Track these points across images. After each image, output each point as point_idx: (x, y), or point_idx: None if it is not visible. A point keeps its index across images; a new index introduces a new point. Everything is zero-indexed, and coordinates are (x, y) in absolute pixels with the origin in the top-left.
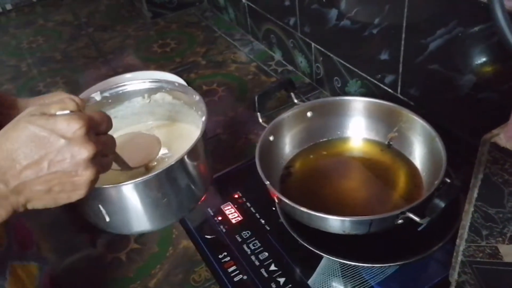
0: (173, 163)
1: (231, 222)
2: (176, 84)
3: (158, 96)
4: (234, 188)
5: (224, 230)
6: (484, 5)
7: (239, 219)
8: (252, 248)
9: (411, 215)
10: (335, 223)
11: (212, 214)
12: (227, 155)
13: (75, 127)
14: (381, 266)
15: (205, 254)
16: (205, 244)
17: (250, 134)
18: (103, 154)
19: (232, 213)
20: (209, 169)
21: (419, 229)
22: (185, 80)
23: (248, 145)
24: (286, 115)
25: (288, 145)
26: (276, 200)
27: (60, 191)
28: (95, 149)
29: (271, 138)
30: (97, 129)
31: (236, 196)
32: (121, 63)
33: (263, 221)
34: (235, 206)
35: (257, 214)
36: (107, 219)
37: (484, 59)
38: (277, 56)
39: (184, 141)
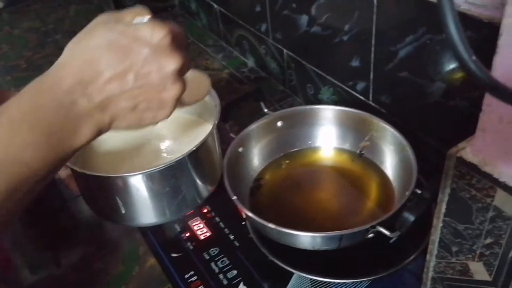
0: (192, 150)
1: (199, 238)
2: None
3: None
4: (203, 202)
5: (191, 247)
6: None
7: (208, 235)
8: (221, 266)
9: (382, 229)
10: (305, 239)
11: (179, 230)
12: None
13: (160, 35)
14: (353, 282)
15: (171, 274)
16: (171, 263)
17: (222, 145)
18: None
19: (201, 229)
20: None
21: (391, 241)
22: None
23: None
24: (256, 125)
25: (257, 156)
26: (244, 216)
27: (146, 109)
28: (182, 59)
29: (240, 149)
30: (178, 41)
31: (205, 210)
32: None
33: (232, 237)
34: (204, 221)
35: (226, 230)
36: (123, 211)
37: (453, 66)
38: (250, 62)
39: (192, 131)
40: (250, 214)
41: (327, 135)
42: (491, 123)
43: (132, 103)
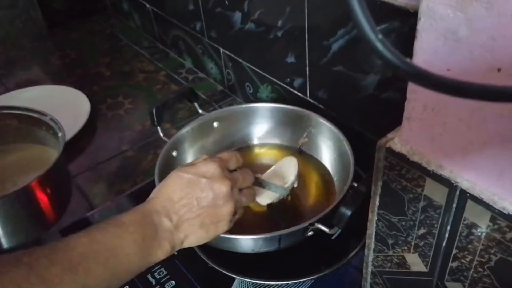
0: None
1: None
2: (22, 107)
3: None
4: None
5: None
6: (381, 3)
7: None
8: (158, 277)
9: (321, 226)
10: (243, 242)
11: None
12: (133, 174)
13: (212, 168)
14: (296, 282)
15: None
16: None
17: (159, 149)
18: (240, 187)
19: None
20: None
21: (333, 237)
22: (87, 93)
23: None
24: (190, 127)
25: (193, 160)
26: None
27: (210, 223)
28: (230, 183)
29: (174, 153)
30: (228, 166)
31: None
32: (14, 79)
33: None
34: None
35: None
36: None
37: None
38: (188, 63)
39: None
40: None
41: (265, 133)
42: (416, 111)
43: (199, 220)
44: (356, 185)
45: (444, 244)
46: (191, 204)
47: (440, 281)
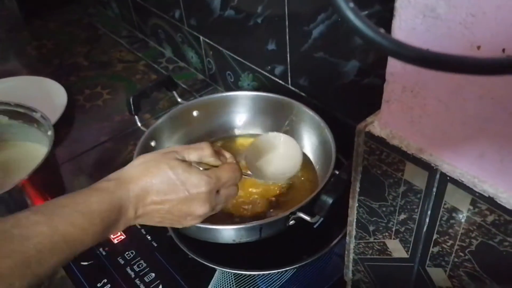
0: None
1: (112, 242)
2: (12, 103)
3: None
4: None
5: (104, 253)
6: None
7: (122, 238)
8: (137, 270)
9: (302, 215)
10: (224, 233)
11: None
12: (113, 165)
13: (201, 189)
14: (278, 272)
15: (81, 284)
16: (81, 272)
17: (132, 139)
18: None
19: None
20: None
21: (315, 226)
22: (64, 84)
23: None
24: (168, 116)
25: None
26: None
27: (169, 224)
28: (209, 210)
29: (153, 143)
30: (221, 187)
31: None
32: None
33: (149, 237)
34: None
35: (142, 230)
36: None
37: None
38: (168, 52)
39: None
40: None
41: (246, 122)
42: (395, 93)
43: (160, 219)
44: (338, 172)
45: (424, 230)
46: (161, 205)
47: (422, 266)
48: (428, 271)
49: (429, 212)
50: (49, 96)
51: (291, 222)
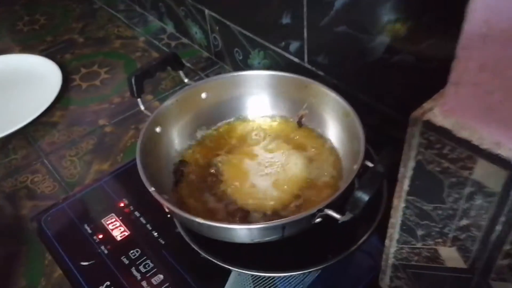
0: None
1: (115, 239)
2: None
3: None
4: (118, 194)
5: (106, 252)
6: None
7: (126, 234)
8: (144, 271)
9: (331, 212)
10: (241, 232)
11: (90, 232)
12: (113, 152)
13: None
14: (300, 274)
15: (82, 287)
16: (81, 274)
17: (141, 124)
18: None
19: (117, 228)
20: None
21: (340, 221)
22: (58, 62)
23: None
24: (175, 99)
25: (180, 136)
26: (167, 210)
27: None
28: None
29: (158, 129)
30: None
31: (122, 204)
32: None
33: (156, 234)
34: (120, 218)
35: (148, 226)
36: None
37: (395, 16)
38: (169, 28)
39: None
40: (173, 208)
41: (259, 105)
42: (469, 74)
43: None
44: (370, 164)
45: (494, 239)
46: None
47: (484, 279)
48: (491, 285)
49: (502, 219)
50: (42, 75)
51: (317, 220)
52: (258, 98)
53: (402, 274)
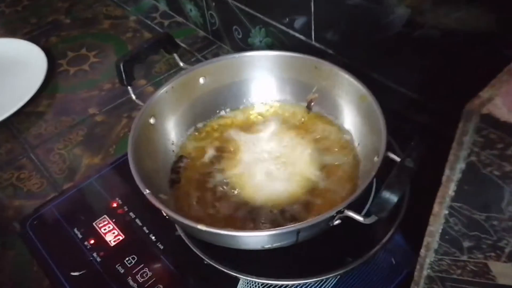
0: None
1: (109, 245)
2: None
3: None
4: (111, 193)
5: (99, 259)
6: None
7: (120, 238)
8: (141, 280)
9: (351, 214)
10: (250, 240)
11: (80, 237)
12: (104, 144)
13: None
14: (317, 280)
15: None
16: (72, 286)
17: (134, 112)
18: None
19: (110, 231)
20: None
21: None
22: (43, 46)
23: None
24: (170, 85)
25: (177, 127)
26: (164, 214)
27: None
28: None
29: (152, 120)
30: None
31: (115, 204)
32: None
33: (154, 238)
34: (114, 220)
35: (145, 228)
36: None
37: None
38: (162, 5)
39: None
40: (171, 213)
41: (264, 89)
42: None
43: None
44: (395, 157)
45: None
46: None
47: None
48: None
49: None
50: (26, 61)
51: (336, 222)
52: (262, 82)
53: (439, 287)
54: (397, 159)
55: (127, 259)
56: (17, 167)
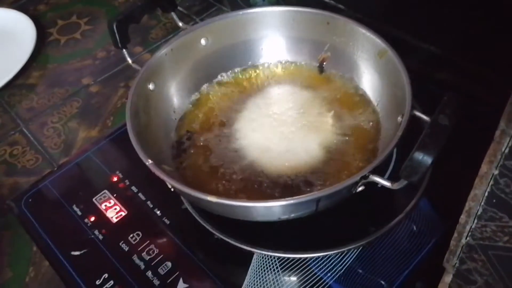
0: None
1: (111, 222)
2: None
3: None
4: (111, 166)
5: (101, 237)
6: None
7: (123, 214)
8: (147, 258)
9: (378, 179)
10: (266, 211)
11: (79, 214)
12: (101, 116)
13: None
14: (338, 252)
15: (74, 282)
16: (73, 266)
17: (132, 81)
18: None
19: (112, 207)
20: None
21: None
22: (31, 15)
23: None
24: (169, 48)
25: (178, 92)
26: (169, 186)
27: None
28: None
29: (151, 86)
30: None
31: (115, 178)
32: None
33: (159, 213)
34: (115, 195)
35: (149, 203)
36: None
37: None
38: None
39: None
40: (177, 184)
41: (271, 49)
42: None
43: None
44: (418, 114)
45: None
46: None
47: None
48: None
49: None
50: (14, 31)
51: (360, 189)
52: (269, 40)
53: (480, 256)
54: (425, 117)
55: (131, 236)
56: (9, 143)
